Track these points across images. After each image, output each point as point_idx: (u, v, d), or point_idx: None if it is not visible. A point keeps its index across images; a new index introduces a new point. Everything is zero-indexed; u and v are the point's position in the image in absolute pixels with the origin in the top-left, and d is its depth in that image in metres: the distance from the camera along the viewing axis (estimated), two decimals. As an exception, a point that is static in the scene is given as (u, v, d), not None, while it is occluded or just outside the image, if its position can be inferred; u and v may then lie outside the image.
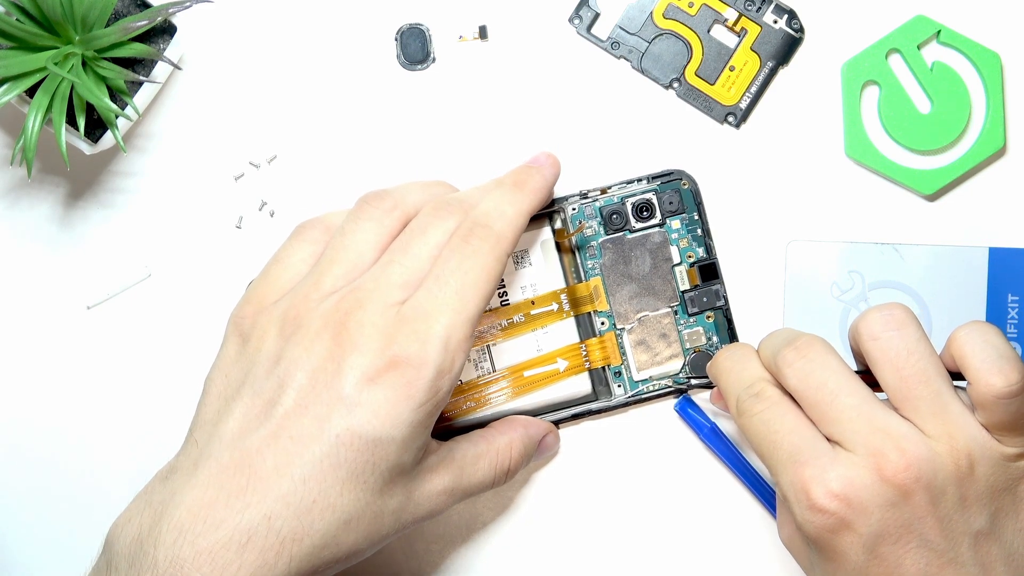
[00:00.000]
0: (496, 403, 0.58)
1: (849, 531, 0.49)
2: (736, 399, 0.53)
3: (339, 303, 0.51)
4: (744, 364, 0.55)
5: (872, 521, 0.49)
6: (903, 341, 0.51)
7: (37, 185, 0.62)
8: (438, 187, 0.56)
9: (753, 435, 0.52)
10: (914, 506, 0.49)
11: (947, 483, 0.49)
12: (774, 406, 0.52)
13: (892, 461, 0.49)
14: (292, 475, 0.49)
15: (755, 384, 0.53)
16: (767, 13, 0.61)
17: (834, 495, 0.49)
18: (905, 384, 0.50)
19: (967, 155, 0.60)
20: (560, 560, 0.61)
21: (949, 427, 0.50)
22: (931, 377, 0.50)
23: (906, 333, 0.51)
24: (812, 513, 0.49)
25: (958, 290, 0.60)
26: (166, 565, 0.48)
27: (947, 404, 0.50)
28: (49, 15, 0.54)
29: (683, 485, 0.61)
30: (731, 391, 0.54)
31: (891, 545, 0.49)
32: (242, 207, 0.61)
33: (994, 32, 0.61)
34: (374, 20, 0.61)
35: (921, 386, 0.50)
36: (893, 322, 0.51)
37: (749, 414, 0.53)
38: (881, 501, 0.49)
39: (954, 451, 0.49)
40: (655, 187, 0.60)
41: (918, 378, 0.50)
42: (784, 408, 0.52)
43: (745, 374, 0.54)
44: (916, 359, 0.50)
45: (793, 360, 0.52)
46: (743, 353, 0.55)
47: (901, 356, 0.51)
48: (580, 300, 0.60)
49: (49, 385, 0.62)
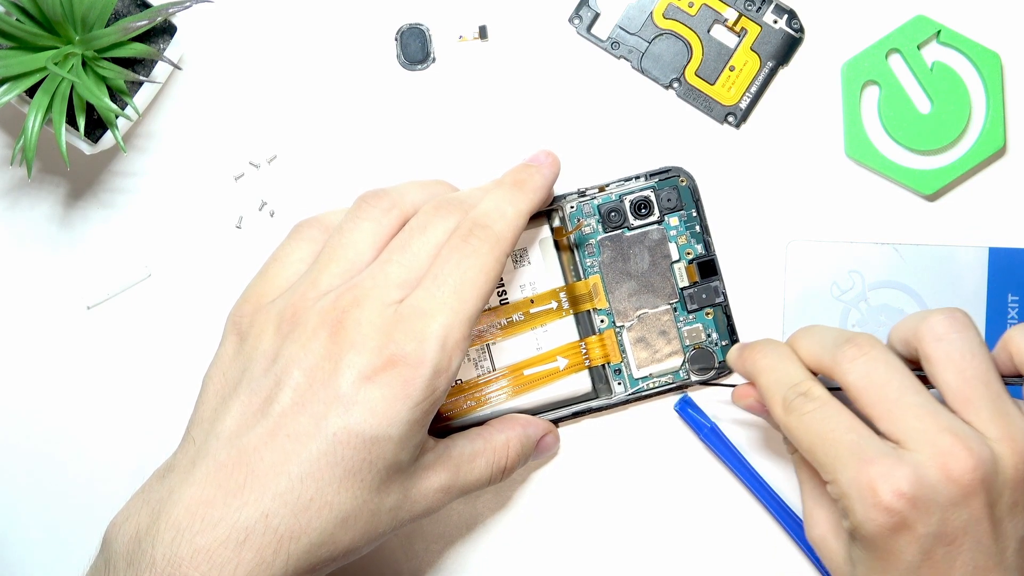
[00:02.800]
0: (496, 402, 0.58)
1: (909, 531, 0.49)
2: (783, 398, 0.53)
3: (336, 301, 0.51)
4: (786, 363, 0.54)
5: (933, 522, 0.48)
6: (966, 343, 0.51)
7: (37, 185, 0.62)
8: (437, 187, 0.56)
9: (806, 433, 0.52)
10: (973, 508, 0.49)
11: (1005, 486, 0.49)
12: (826, 404, 0.52)
13: (960, 461, 0.48)
14: (289, 473, 0.49)
15: (802, 383, 0.53)
16: (767, 13, 0.61)
17: (901, 494, 0.48)
18: (968, 385, 0.50)
19: (967, 155, 0.60)
20: (560, 559, 0.61)
21: (1011, 429, 0.49)
22: (991, 380, 0.50)
23: (969, 336, 0.51)
24: (877, 512, 0.49)
25: (958, 290, 0.60)
26: (164, 564, 0.48)
27: (1007, 407, 0.50)
28: (49, 15, 0.55)
29: (683, 485, 0.61)
30: (774, 390, 0.53)
31: (946, 547, 0.49)
32: (242, 207, 0.61)
33: (994, 32, 0.61)
34: (374, 20, 0.61)
35: (983, 387, 0.50)
36: (957, 324, 0.51)
37: (800, 412, 0.52)
38: (945, 501, 0.48)
39: (1016, 454, 0.49)
40: (653, 184, 0.60)
41: (980, 379, 0.50)
42: (837, 407, 0.52)
43: (789, 372, 0.53)
44: (979, 361, 0.50)
45: (855, 356, 0.51)
46: (782, 351, 0.55)
47: (965, 358, 0.50)
48: (579, 298, 0.59)
49: (49, 385, 0.62)
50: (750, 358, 0.56)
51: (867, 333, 0.53)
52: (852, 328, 0.60)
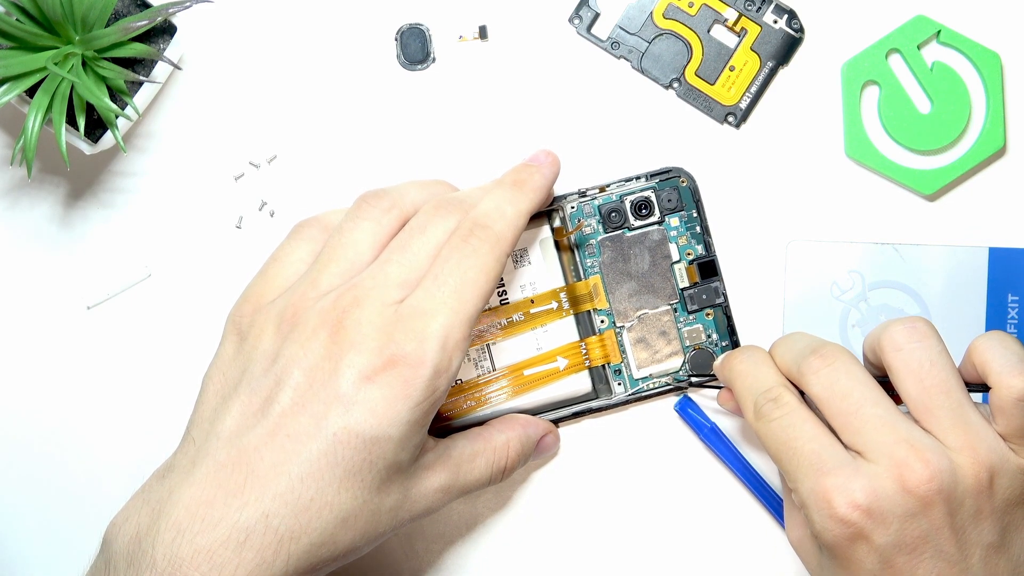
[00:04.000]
0: (496, 402, 0.58)
1: (866, 541, 0.49)
2: (753, 403, 0.53)
3: (336, 301, 0.51)
4: (760, 368, 0.54)
5: (891, 532, 0.49)
6: (926, 352, 0.51)
7: (37, 185, 0.62)
8: (437, 186, 0.56)
9: (771, 440, 0.52)
10: (932, 517, 0.49)
11: (966, 495, 0.49)
12: (793, 412, 0.52)
13: (916, 472, 0.49)
14: (289, 473, 0.49)
15: (772, 389, 0.53)
16: (767, 13, 0.61)
17: (856, 505, 0.49)
18: (927, 395, 0.50)
19: (967, 155, 0.60)
20: (560, 559, 0.61)
21: (971, 438, 0.49)
22: (952, 388, 0.50)
23: (928, 345, 0.51)
24: (832, 522, 0.49)
25: (958, 290, 0.60)
26: (164, 564, 0.48)
27: (968, 416, 0.50)
28: (49, 15, 0.55)
29: (683, 484, 0.61)
30: (747, 395, 0.54)
31: (906, 555, 0.49)
32: (242, 207, 0.61)
33: (994, 32, 0.61)
34: (374, 20, 0.61)
35: (943, 396, 0.50)
36: (916, 334, 0.51)
37: (768, 419, 0.52)
38: (901, 512, 0.49)
39: (976, 463, 0.49)
40: (653, 185, 0.60)
41: (940, 388, 0.50)
42: (803, 415, 0.52)
43: (761, 378, 0.54)
44: (938, 370, 0.50)
45: (819, 368, 0.52)
46: (758, 357, 0.55)
47: (924, 367, 0.51)
48: (579, 298, 0.59)
49: (49, 385, 0.62)
50: (728, 364, 0.56)
51: (834, 343, 0.53)
52: (852, 328, 0.60)
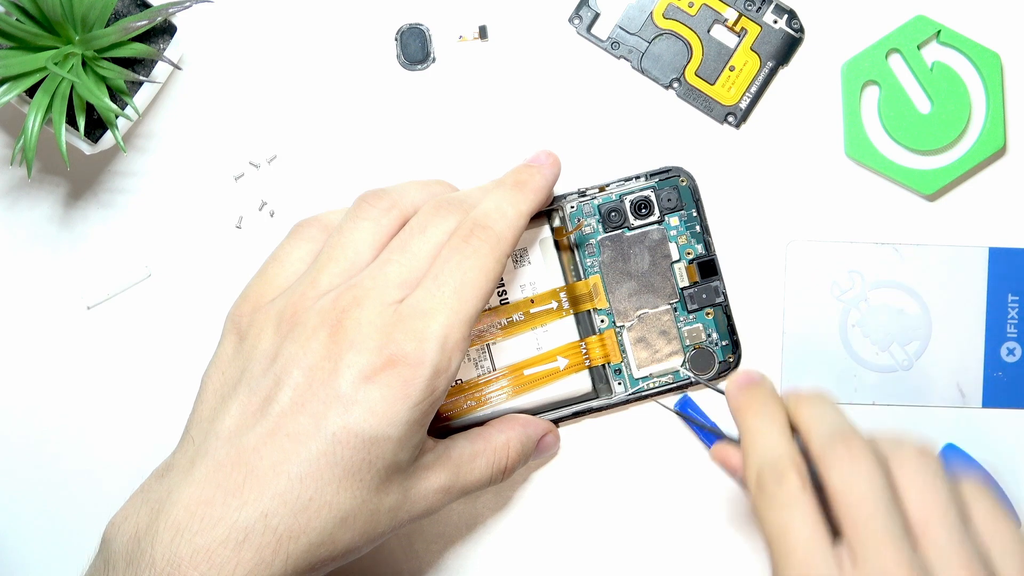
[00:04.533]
0: (496, 402, 0.58)
1: None
2: (757, 471, 0.50)
3: (336, 301, 0.51)
4: (774, 431, 0.51)
5: None
6: (929, 472, 0.49)
7: (37, 185, 0.62)
8: (437, 186, 0.56)
9: (766, 522, 0.49)
10: None
11: None
12: (796, 499, 0.49)
13: None
14: (289, 473, 0.49)
15: (781, 462, 0.49)
16: (767, 13, 0.61)
17: None
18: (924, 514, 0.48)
19: (967, 155, 0.60)
20: (560, 559, 0.61)
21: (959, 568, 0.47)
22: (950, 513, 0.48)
23: (926, 465, 0.49)
24: None
25: (958, 290, 0.60)
26: (163, 563, 0.48)
27: (961, 536, 0.48)
28: (49, 15, 0.55)
29: (683, 484, 0.61)
30: (753, 459, 0.50)
31: None
32: (242, 207, 0.61)
33: (994, 32, 0.61)
34: (374, 20, 0.61)
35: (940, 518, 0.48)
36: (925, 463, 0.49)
37: (768, 496, 0.49)
38: None
39: None
40: (653, 184, 0.60)
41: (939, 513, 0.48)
42: (805, 506, 0.48)
43: (771, 444, 0.50)
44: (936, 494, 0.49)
45: (844, 462, 0.48)
46: (775, 415, 0.52)
47: (927, 486, 0.49)
48: (579, 298, 0.59)
49: (49, 385, 0.62)
50: (743, 409, 0.52)
51: (862, 437, 0.49)
52: (852, 328, 0.60)
